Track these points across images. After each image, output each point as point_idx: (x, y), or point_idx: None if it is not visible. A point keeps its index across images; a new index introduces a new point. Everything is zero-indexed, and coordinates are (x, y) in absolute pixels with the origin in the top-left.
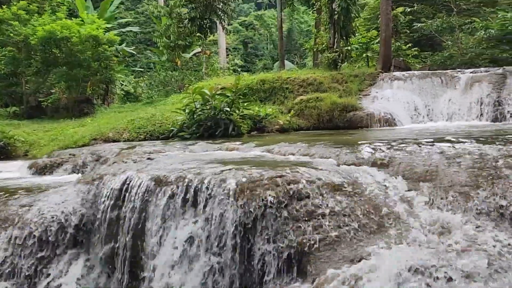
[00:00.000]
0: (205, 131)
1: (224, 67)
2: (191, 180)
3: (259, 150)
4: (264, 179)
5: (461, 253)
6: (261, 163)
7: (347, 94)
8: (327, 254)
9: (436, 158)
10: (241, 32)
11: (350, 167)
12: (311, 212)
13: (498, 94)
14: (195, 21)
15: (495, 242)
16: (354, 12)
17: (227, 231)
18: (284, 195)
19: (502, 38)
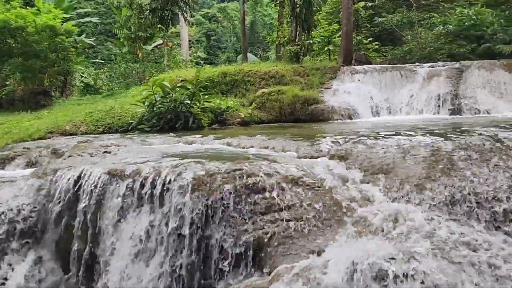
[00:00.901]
0: (165, 124)
1: (187, 59)
2: (148, 174)
3: (219, 143)
4: (222, 172)
5: (416, 243)
6: (220, 156)
7: (309, 87)
8: (285, 246)
9: (393, 151)
10: (204, 24)
11: (309, 160)
12: (269, 205)
13: (455, 88)
14: (156, 12)
15: (448, 232)
16: (315, 5)
17: (185, 225)
18: (242, 188)
19: (460, 33)
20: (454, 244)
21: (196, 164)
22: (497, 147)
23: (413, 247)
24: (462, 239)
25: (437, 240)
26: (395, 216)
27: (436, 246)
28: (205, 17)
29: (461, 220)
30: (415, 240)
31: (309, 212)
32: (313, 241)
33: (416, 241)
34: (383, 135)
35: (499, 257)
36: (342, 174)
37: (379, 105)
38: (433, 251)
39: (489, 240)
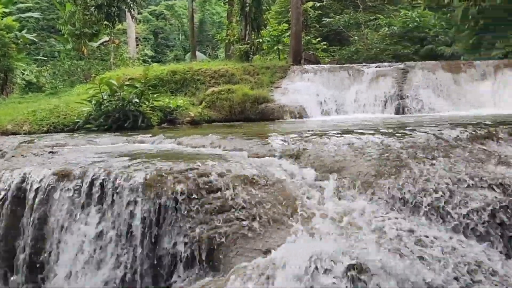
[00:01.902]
0: (113, 123)
1: (134, 57)
2: (97, 174)
3: (169, 142)
4: (174, 172)
5: (367, 240)
6: (171, 156)
7: (259, 86)
8: (239, 246)
9: (344, 150)
10: (151, 22)
11: (261, 159)
12: (222, 205)
13: (401, 88)
14: (102, 9)
15: (398, 228)
16: (265, 5)
17: (136, 226)
18: (194, 188)
19: (404, 35)
20: (404, 240)
21: (146, 164)
22: (441, 144)
23: (364, 243)
24: (411, 235)
25: (387, 236)
26: (346, 213)
27: (386, 242)
28: (153, 15)
29: (410, 216)
30: (366, 236)
31: (262, 211)
32: (267, 240)
33: (367, 237)
34: (333, 134)
35: (445, 251)
36: (294, 173)
37: (328, 104)
38: (383, 246)
39: (436, 235)
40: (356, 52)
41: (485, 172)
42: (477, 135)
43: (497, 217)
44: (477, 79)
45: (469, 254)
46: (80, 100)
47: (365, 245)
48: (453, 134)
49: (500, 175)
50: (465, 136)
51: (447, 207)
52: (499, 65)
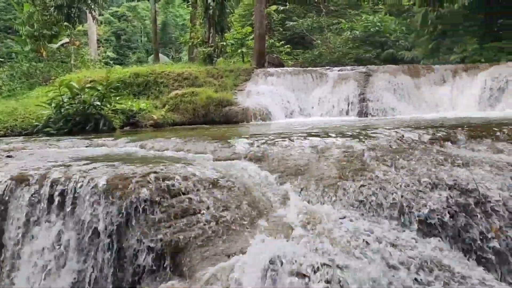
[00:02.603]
0: (73, 127)
1: (95, 59)
2: (57, 179)
3: (132, 145)
4: (136, 176)
5: (330, 242)
6: (133, 159)
7: (223, 89)
8: (204, 249)
9: (307, 152)
10: (113, 23)
11: (226, 162)
12: (186, 209)
13: (363, 91)
14: (62, 9)
15: (361, 230)
16: (228, 8)
17: (98, 232)
18: (157, 192)
19: (366, 39)
20: (366, 241)
21: (108, 167)
22: (402, 147)
23: (327, 245)
24: (373, 236)
25: (350, 238)
26: (310, 216)
27: (349, 243)
28: (115, 16)
29: (372, 217)
30: (330, 239)
31: (226, 214)
32: (231, 243)
33: (330, 239)
34: (297, 137)
35: (407, 252)
36: (258, 176)
37: (292, 107)
38: (346, 248)
39: (398, 237)
40: (320, 56)
41: (444, 174)
42: (437, 137)
43: (455, 217)
44: (436, 83)
45: (430, 255)
46: (39, 103)
47: (328, 247)
48: (414, 137)
49: (458, 176)
50: (425, 138)
51: (408, 208)
52: (457, 70)
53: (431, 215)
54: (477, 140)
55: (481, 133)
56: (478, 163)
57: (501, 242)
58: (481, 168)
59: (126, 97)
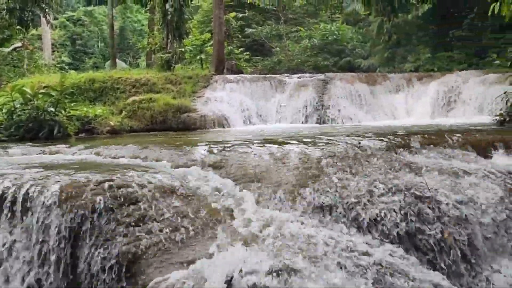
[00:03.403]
0: (26, 133)
1: (50, 64)
2: (8, 187)
3: (87, 152)
4: (91, 184)
5: (288, 249)
6: (88, 167)
7: (181, 96)
8: (159, 259)
9: (265, 159)
10: (68, 28)
11: (183, 169)
12: (142, 217)
13: (321, 98)
14: (15, 13)
15: (319, 237)
16: (187, 13)
17: (50, 241)
18: (113, 200)
19: (324, 47)
20: (323, 247)
21: (62, 175)
22: (359, 154)
23: (285, 251)
24: (331, 241)
25: (307, 243)
26: (268, 223)
27: (307, 249)
28: (70, 20)
29: (329, 223)
30: (288, 245)
31: (184, 223)
32: (189, 252)
33: (288, 245)
34: (255, 144)
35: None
36: (216, 183)
37: (251, 114)
38: (304, 254)
39: (355, 243)
40: (278, 63)
41: (398, 180)
42: (392, 144)
43: (410, 222)
44: (392, 91)
45: (385, 260)
46: None
47: (286, 254)
48: (370, 144)
49: (412, 182)
50: (381, 145)
51: (363, 214)
52: (411, 78)
53: (386, 220)
54: (430, 147)
55: (434, 140)
56: (431, 169)
57: (453, 245)
58: (433, 174)
59: (82, 103)
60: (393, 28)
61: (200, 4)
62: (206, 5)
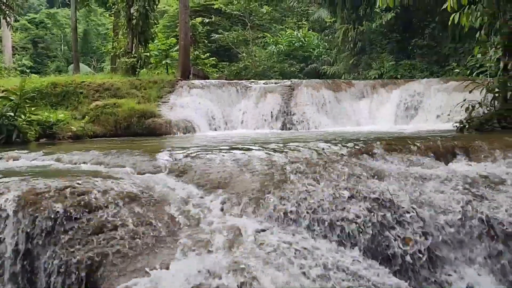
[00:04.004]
0: None
1: (10, 67)
2: None
3: (48, 158)
4: (51, 191)
5: (251, 256)
6: (48, 173)
7: (146, 101)
8: (121, 266)
9: (230, 165)
10: (30, 30)
11: (146, 176)
12: (104, 224)
13: (287, 104)
14: None
15: (282, 243)
16: (152, 18)
17: (6, 251)
18: (73, 207)
19: (290, 53)
20: (287, 253)
21: (20, 182)
22: (323, 160)
23: (249, 258)
24: (295, 248)
25: (271, 250)
26: (232, 229)
27: (271, 256)
28: (32, 23)
29: (293, 229)
30: (252, 252)
31: (146, 230)
32: (151, 259)
33: (252, 252)
34: (220, 150)
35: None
36: (180, 189)
37: (217, 120)
38: (268, 260)
39: (317, 248)
40: (245, 69)
41: (362, 186)
42: (356, 150)
43: (372, 228)
44: (356, 97)
45: (348, 265)
46: None
47: (250, 261)
48: (334, 150)
49: (374, 188)
50: (345, 151)
51: (327, 220)
52: (375, 85)
53: (349, 226)
54: (392, 153)
55: (397, 146)
56: (393, 175)
57: (414, 250)
58: (396, 179)
59: (43, 107)
60: (358, 36)
61: (166, 8)
62: (172, 10)
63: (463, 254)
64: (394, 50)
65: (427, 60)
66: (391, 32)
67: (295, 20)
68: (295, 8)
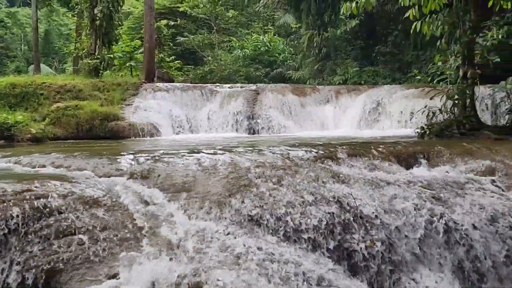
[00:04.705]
0: None
1: None
2: None
3: (5, 161)
4: (8, 195)
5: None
6: (5, 177)
7: (109, 103)
8: (81, 271)
9: (194, 169)
10: None
11: (108, 179)
12: (63, 229)
13: (252, 108)
14: None
15: (246, 247)
16: (117, 19)
17: None
18: (32, 211)
19: (256, 58)
20: (250, 257)
21: None
22: (287, 164)
23: (212, 263)
24: (257, 252)
25: (234, 255)
26: (195, 233)
27: (234, 260)
28: None
29: (258, 234)
30: (214, 257)
31: (107, 234)
32: (112, 264)
33: (215, 257)
34: (184, 153)
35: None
36: (143, 193)
37: (181, 123)
38: (230, 265)
39: (281, 251)
40: (210, 72)
41: (325, 190)
42: (320, 155)
43: (336, 232)
44: (321, 102)
45: (312, 269)
46: None
47: (213, 265)
48: (299, 154)
49: (338, 192)
50: (309, 156)
51: (291, 224)
52: (339, 90)
53: (313, 230)
54: (356, 158)
55: (360, 151)
56: (356, 180)
57: (376, 253)
58: (359, 184)
59: (1, 108)
60: (323, 42)
61: (130, 10)
62: (137, 11)
63: (424, 257)
64: (358, 56)
65: (390, 67)
66: (355, 39)
67: (261, 25)
68: (261, 13)
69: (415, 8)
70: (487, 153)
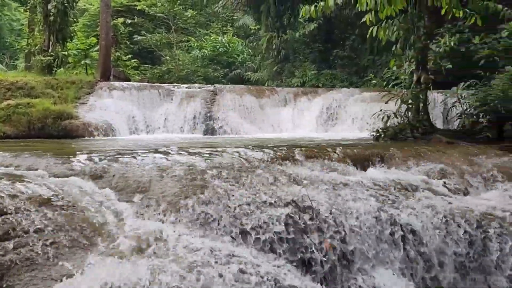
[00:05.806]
0: None
1: None
2: None
3: None
4: None
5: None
6: None
7: (63, 101)
8: (32, 274)
9: (149, 170)
10: None
11: (61, 179)
12: (12, 230)
13: (210, 109)
14: None
15: (201, 248)
16: (72, 16)
17: None
18: None
19: (214, 58)
20: (207, 259)
21: None
22: (244, 165)
23: (167, 265)
24: (215, 253)
25: (190, 257)
26: (150, 235)
27: (189, 263)
28: None
29: (215, 236)
30: (169, 258)
31: (59, 236)
32: (64, 266)
33: (170, 259)
34: (140, 153)
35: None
36: (97, 194)
37: (137, 123)
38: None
39: (237, 254)
40: (168, 72)
41: (282, 192)
42: (277, 156)
43: (291, 233)
44: (279, 104)
45: (268, 271)
46: None
47: (167, 267)
48: (255, 155)
49: (295, 193)
50: (266, 157)
51: (248, 225)
52: (297, 93)
53: (270, 232)
54: (313, 160)
55: (317, 153)
56: (313, 181)
57: (331, 255)
58: (315, 186)
59: None
60: (282, 44)
61: (86, 7)
62: (93, 9)
63: (378, 258)
64: (317, 59)
65: (347, 71)
66: (314, 42)
67: (220, 25)
68: (220, 14)
69: (371, 14)
70: (439, 156)
